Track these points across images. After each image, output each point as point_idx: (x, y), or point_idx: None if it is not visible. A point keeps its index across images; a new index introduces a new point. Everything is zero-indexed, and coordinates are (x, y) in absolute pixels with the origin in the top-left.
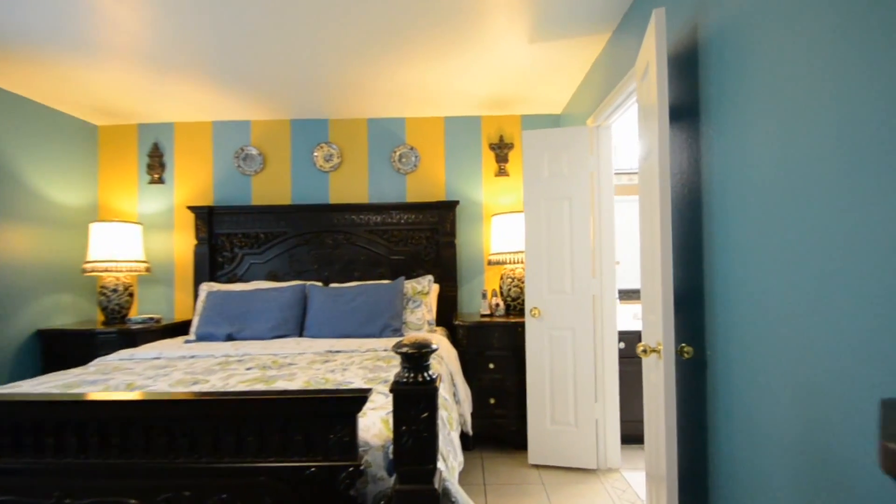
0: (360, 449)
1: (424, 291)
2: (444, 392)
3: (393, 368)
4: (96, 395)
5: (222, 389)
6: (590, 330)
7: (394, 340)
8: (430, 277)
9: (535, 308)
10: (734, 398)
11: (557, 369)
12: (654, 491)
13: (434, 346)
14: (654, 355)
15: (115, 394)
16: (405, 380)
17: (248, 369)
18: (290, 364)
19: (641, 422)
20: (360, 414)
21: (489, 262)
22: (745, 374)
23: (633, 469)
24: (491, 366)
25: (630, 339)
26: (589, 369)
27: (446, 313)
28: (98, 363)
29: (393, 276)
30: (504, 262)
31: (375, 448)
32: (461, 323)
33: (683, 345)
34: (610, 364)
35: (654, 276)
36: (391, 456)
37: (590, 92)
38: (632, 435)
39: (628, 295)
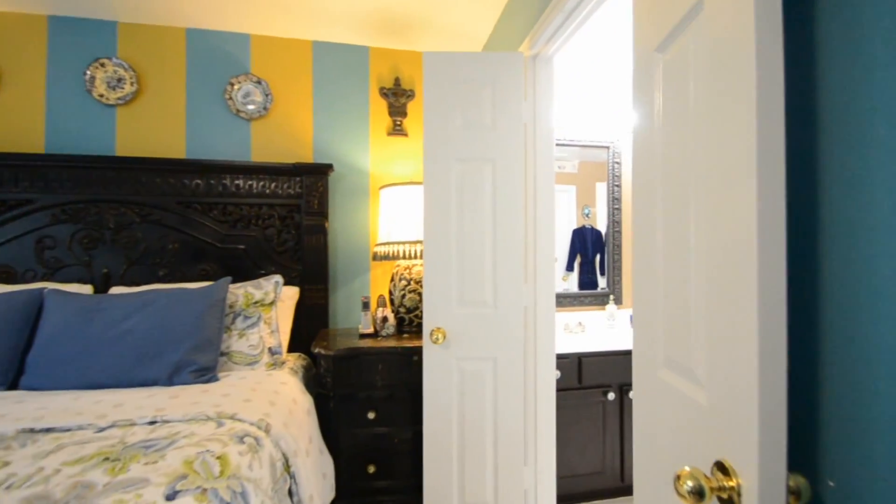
0: None
1: (266, 301)
2: None
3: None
4: None
5: None
6: (519, 359)
7: (196, 392)
8: (277, 279)
9: (438, 330)
10: None
11: (471, 420)
12: None
13: None
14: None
15: None
16: None
17: None
18: None
19: (577, 476)
20: None
21: (375, 256)
22: None
23: None
24: (371, 415)
25: (564, 366)
26: (516, 418)
27: (313, 331)
28: None
29: (226, 274)
30: (395, 257)
31: None
32: (324, 351)
33: (798, 476)
34: (545, 407)
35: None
36: None
37: (524, 8)
38: (567, 495)
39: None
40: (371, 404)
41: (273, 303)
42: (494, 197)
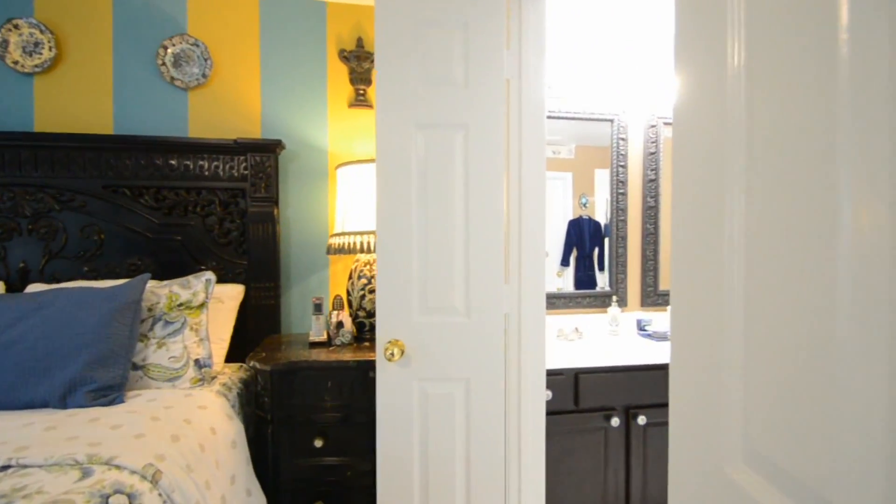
0: None
1: (194, 303)
2: None
3: None
4: None
5: None
6: (498, 380)
7: (83, 420)
8: (208, 277)
9: (394, 343)
10: None
11: (437, 456)
12: None
13: None
14: None
15: None
16: None
17: None
18: None
19: None
20: None
21: (329, 250)
22: None
23: None
24: (319, 443)
25: (558, 383)
26: (494, 453)
27: (262, 336)
28: None
29: (161, 270)
30: (352, 250)
31: None
32: (259, 365)
33: None
34: (532, 441)
35: None
36: None
37: None
38: None
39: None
40: (319, 429)
41: (203, 305)
42: (467, 175)
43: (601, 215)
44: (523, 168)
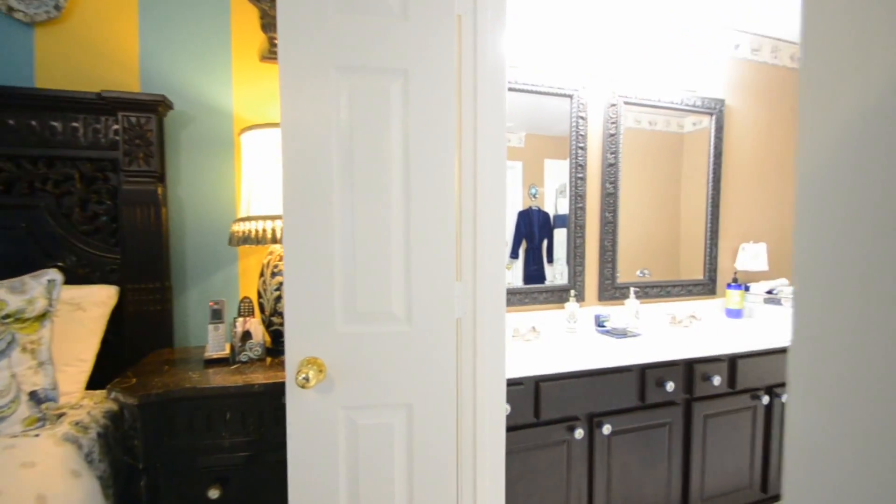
0: None
1: (29, 313)
2: None
3: None
4: None
5: None
6: (448, 403)
7: None
8: (52, 276)
9: (310, 362)
10: None
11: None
12: None
13: None
14: None
15: None
16: None
17: None
18: None
19: None
20: None
21: (232, 240)
22: None
23: None
24: (215, 493)
25: (517, 395)
26: (446, 495)
27: (145, 352)
28: None
29: (1, 268)
30: (262, 239)
31: None
32: (123, 397)
33: None
34: (491, 472)
35: None
36: None
37: None
38: None
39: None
40: (216, 476)
41: (45, 315)
42: (407, 139)
43: (550, 206)
44: (479, 133)
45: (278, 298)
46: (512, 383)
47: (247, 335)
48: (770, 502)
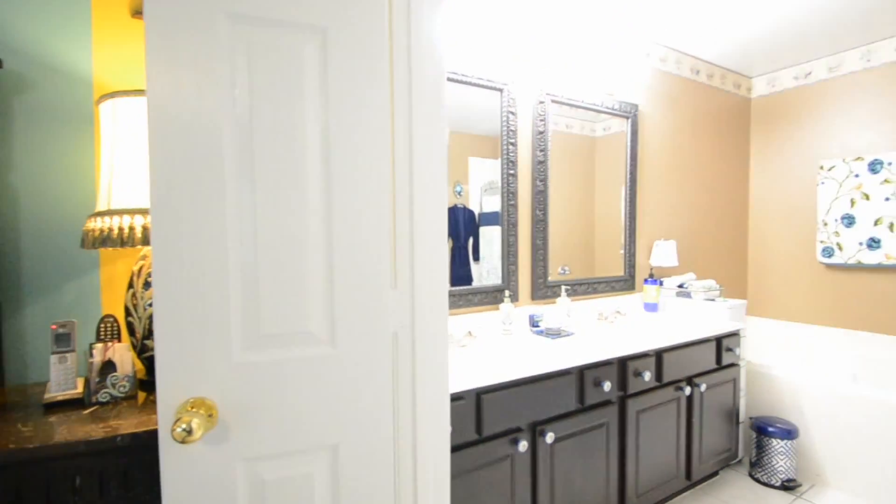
0: None
1: None
2: None
3: None
4: None
5: None
6: (384, 438)
7: None
8: None
9: (197, 405)
10: None
11: None
12: None
13: None
14: None
15: None
16: None
17: None
18: None
19: None
20: None
21: (86, 240)
22: None
23: None
24: None
25: (458, 411)
26: None
27: None
28: None
29: None
30: (130, 240)
31: None
32: None
33: None
34: None
35: None
36: None
37: None
38: None
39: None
40: None
41: None
42: (327, 115)
43: (475, 204)
44: (416, 111)
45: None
46: (453, 398)
47: (109, 366)
48: (693, 488)
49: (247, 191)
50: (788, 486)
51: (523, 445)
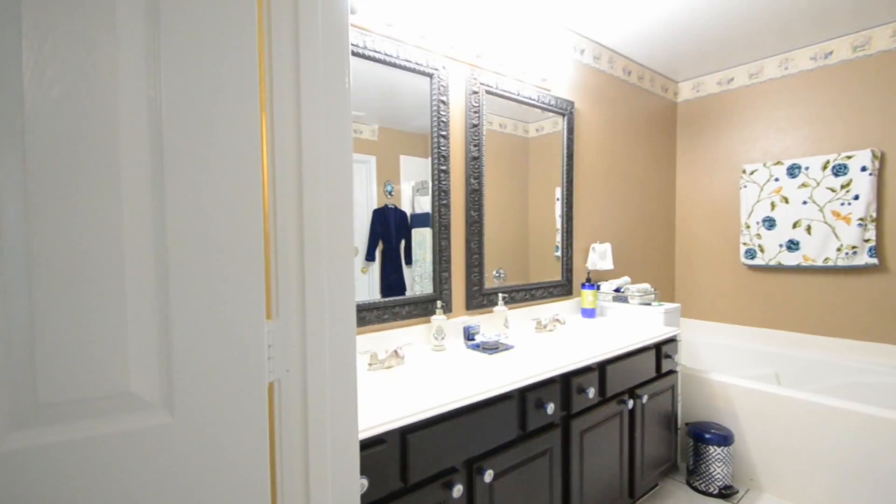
0: None
1: None
2: None
3: None
4: None
5: None
6: None
7: None
8: None
9: None
10: None
11: None
12: None
13: None
14: None
15: None
16: None
17: None
18: None
19: None
20: None
21: None
22: None
23: None
24: None
25: (377, 457)
26: None
27: None
28: None
29: None
30: None
31: None
32: None
33: None
34: None
35: None
36: None
37: None
38: None
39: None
40: None
41: None
42: (158, 95)
43: (407, 205)
44: (304, 75)
45: None
46: (370, 443)
47: None
48: None
49: (15, 191)
50: (725, 493)
51: (458, 490)
